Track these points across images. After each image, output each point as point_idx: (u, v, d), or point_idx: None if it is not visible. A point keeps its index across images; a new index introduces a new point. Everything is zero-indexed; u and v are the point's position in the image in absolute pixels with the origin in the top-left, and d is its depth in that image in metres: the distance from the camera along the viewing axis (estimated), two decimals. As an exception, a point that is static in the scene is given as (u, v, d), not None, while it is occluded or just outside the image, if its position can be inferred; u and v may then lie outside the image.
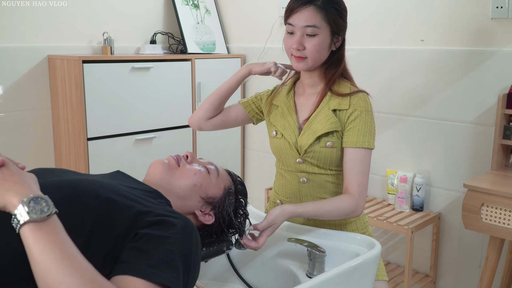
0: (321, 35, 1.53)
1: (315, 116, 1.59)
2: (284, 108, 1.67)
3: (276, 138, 1.66)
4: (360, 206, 1.53)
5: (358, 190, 1.52)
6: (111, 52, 3.06)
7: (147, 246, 0.97)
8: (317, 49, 1.54)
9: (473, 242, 2.58)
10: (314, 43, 1.53)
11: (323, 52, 1.56)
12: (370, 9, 2.84)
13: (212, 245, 1.33)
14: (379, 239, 2.91)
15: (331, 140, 1.56)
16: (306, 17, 1.51)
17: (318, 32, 1.52)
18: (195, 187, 1.28)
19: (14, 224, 0.88)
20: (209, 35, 3.54)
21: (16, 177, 0.95)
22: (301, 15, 1.52)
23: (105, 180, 1.14)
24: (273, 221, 1.41)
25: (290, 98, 1.69)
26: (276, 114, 1.69)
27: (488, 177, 2.23)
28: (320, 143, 1.56)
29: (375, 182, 2.90)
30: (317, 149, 1.57)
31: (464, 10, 2.49)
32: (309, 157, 1.59)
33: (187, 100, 3.22)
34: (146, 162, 2.94)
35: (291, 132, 1.62)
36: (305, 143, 1.57)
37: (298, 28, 1.53)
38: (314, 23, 1.51)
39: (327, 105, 1.59)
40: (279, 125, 1.66)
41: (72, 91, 2.72)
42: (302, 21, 1.52)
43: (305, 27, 1.52)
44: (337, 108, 1.58)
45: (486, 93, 2.45)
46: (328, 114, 1.57)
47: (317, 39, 1.53)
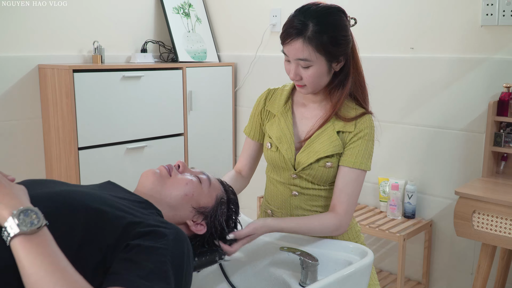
0: (315, 66, 1.45)
1: (318, 135, 1.54)
2: (281, 118, 1.62)
3: (271, 151, 1.61)
4: (344, 226, 1.51)
5: (346, 210, 1.50)
6: (101, 61, 3.05)
7: (138, 257, 0.97)
8: (313, 80, 1.48)
9: (465, 249, 2.58)
10: (309, 74, 1.46)
11: (322, 79, 1.49)
12: (359, 17, 2.84)
13: (204, 255, 1.32)
14: (371, 246, 2.91)
15: (331, 161, 1.53)
16: (296, 51, 1.44)
17: (311, 64, 1.45)
18: (187, 197, 1.27)
19: (5, 237, 0.87)
20: (200, 44, 3.54)
21: (5, 189, 0.94)
22: (291, 48, 1.44)
23: (95, 191, 1.13)
24: (253, 231, 1.40)
25: (288, 107, 1.63)
26: (272, 124, 1.63)
27: (479, 184, 2.24)
28: (319, 163, 1.53)
29: (367, 190, 2.90)
30: (316, 168, 1.54)
31: (454, 18, 2.50)
32: (304, 174, 1.56)
33: (179, 108, 3.21)
34: (137, 171, 2.96)
35: (288, 147, 1.57)
36: (305, 161, 1.54)
37: (291, 59, 1.47)
38: (305, 56, 1.43)
39: (332, 125, 1.54)
40: (274, 137, 1.60)
41: (63, 101, 2.71)
42: (293, 54, 1.45)
43: (297, 60, 1.45)
44: (342, 130, 1.53)
45: (477, 100, 2.46)
46: (332, 136, 1.53)
47: (312, 69, 1.46)
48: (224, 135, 3.56)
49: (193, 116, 3.31)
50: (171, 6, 3.45)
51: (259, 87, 1.98)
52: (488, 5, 2.37)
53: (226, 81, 3.52)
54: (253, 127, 1.72)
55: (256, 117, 1.71)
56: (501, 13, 2.34)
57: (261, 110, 1.69)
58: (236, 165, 1.78)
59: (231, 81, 3.55)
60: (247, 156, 1.74)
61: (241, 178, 1.73)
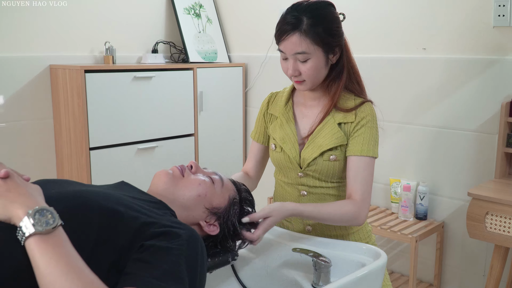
0: (313, 58, 1.48)
1: (320, 130, 1.56)
2: (283, 119, 1.64)
3: (276, 152, 1.63)
4: (363, 214, 1.50)
5: (361, 197, 1.50)
6: (113, 61, 3.06)
7: (153, 258, 0.96)
8: (312, 72, 1.50)
9: (477, 250, 2.56)
10: (308, 67, 1.48)
11: (320, 71, 1.52)
12: (372, 17, 2.85)
13: (217, 255, 1.32)
14: (382, 248, 2.89)
15: (334, 154, 1.54)
16: (293, 45, 1.46)
17: (309, 56, 1.47)
18: (200, 198, 1.27)
19: (20, 236, 0.88)
20: (211, 44, 3.54)
21: (21, 188, 0.94)
22: (288, 43, 1.47)
23: (109, 191, 1.13)
24: (269, 213, 1.38)
25: (289, 108, 1.65)
26: (275, 125, 1.66)
27: (492, 186, 2.22)
28: (323, 157, 1.54)
29: (378, 191, 2.89)
30: (320, 162, 1.55)
31: (466, 19, 2.49)
32: (311, 171, 1.57)
33: (189, 109, 3.22)
34: (148, 171, 2.97)
35: (291, 146, 1.59)
36: (309, 156, 1.55)
37: (289, 55, 1.49)
38: (302, 49, 1.46)
39: (332, 118, 1.56)
40: (278, 138, 1.62)
41: (74, 101, 2.72)
42: (291, 49, 1.47)
43: (295, 54, 1.47)
44: (343, 122, 1.55)
45: (489, 101, 2.45)
46: (333, 128, 1.54)
47: (310, 62, 1.48)
48: (235, 135, 3.56)
49: (204, 116, 3.31)
50: (182, 6, 3.45)
51: (270, 88, 1.97)
52: (500, 6, 2.35)
53: (237, 82, 3.52)
54: (258, 130, 1.74)
55: (260, 121, 1.74)
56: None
57: (264, 114, 1.73)
58: (244, 167, 1.80)
59: (242, 81, 3.54)
60: (253, 159, 1.76)
61: (248, 178, 1.74)
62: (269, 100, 1.73)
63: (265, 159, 1.77)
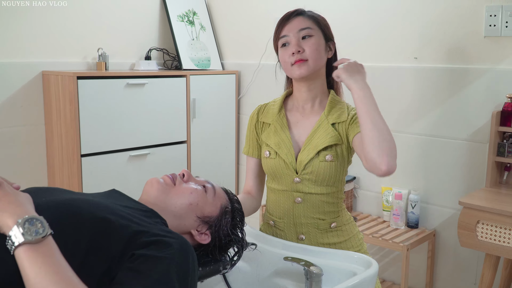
0: (316, 36, 1.57)
1: (315, 132, 1.58)
2: (276, 125, 1.65)
3: (270, 159, 1.63)
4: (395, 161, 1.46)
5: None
6: (105, 68, 3.06)
7: (143, 267, 0.96)
8: (316, 48, 1.56)
9: (468, 259, 2.57)
10: (312, 42, 1.56)
11: (322, 53, 1.59)
12: (364, 26, 2.86)
13: (208, 264, 1.32)
14: (374, 256, 2.90)
15: (330, 153, 1.56)
16: (298, 23, 1.58)
17: (313, 32, 1.57)
18: (191, 206, 1.27)
19: (9, 245, 0.87)
20: (204, 51, 3.54)
21: (10, 197, 0.94)
22: (293, 23, 1.58)
23: (100, 200, 1.13)
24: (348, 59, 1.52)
25: (282, 115, 1.67)
26: (269, 132, 1.66)
27: (483, 194, 2.23)
28: (319, 157, 1.56)
29: (369, 199, 2.90)
30: (316, 163, 1.55)
31: (457, 28, 2.51)
32: (307, 174, 1.57)
33: (182, 116, 3.22)
34: (140, 178, 2.96)
35: (287, 151, 1.60)
36: (305, 157, 1.56)
37: (293, 34, 1.57)
38: (307, 25, 1.57)
39: (326, 119, 1.59)
40: (272, 143, 1.63)
41: (66, 107, 2.71)
42: (295, 27, 1.57)
43: (300, 31, 1.56)
44: (336, 122, 1.58)
45: (480, 110, 2.46)
46: (328, 129, 1.57)
47: (314, 39, 1.57)
48: (227, 143, 3.56)
49: (197, 123, 3.31)
50: (175, 14, 3.46)
51: (263, 95, 1.99)
52: (491, 16, 2.37)
53: (230, 89, 3.52)
54: (251, 144, 1.74)
55: (251, 133, 1.74)
56: (504, 24, 2.34)
57: (255, 124, 1.73)
58: (244, 188, 1.79)
59: (235, 89, 3.55)
60: (252, 175, 1.76)
61: (252, 198, 1.73)
62: (259, 110, 1.74)
63: (264, 173, 1.76)
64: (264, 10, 3.34)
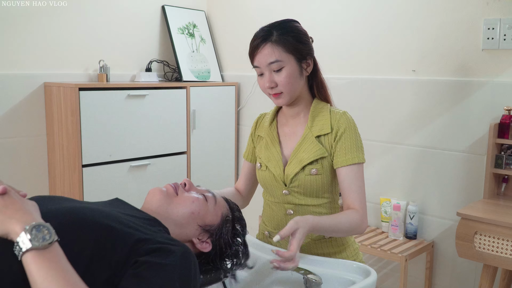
0: (287, 67, 1.53)
1: (300, 145, 1.59)
2: (268, 139, 1.68)
3: (261, 170, 1.67)
4: (365, 221, 1.53)
5: (361, 205, 1.53)
6: (107, 79, 3.09)
7: (147, 274, 0.98)
8: (288, 81, 1.54)
9: (466, 270, 2.59)
10: (284, 76, 1.53)
11: (296, 81, 1.56)
12: (362, 39, 2.90)
13: (208, 272, 1.34)
14: (373, 266, 2.91)
15: (315, 167, 1.56)
16: (266, 56, 1.53)
17: (283, 64, 1.53)
18: (193, 215, 1.29)
19: (17, 251, 0.89)
20: (204, 63, 3.58)
21: (18, 204, 0.96)
22: (261, 55, 1.54)
23: (104, 208, 1.15)
24: (296, 225, 1.34)
25: (273, 128, 1.70)
26: (261, 146, 1.70)
27: (480, 206, 2.25)
28: (304, 172, 1.57)
29: (368, 210, 2.91)
30: (302, 177, 1.57)
31: (455, 41, 2.54)
32: (295, 187, 1.59)
33: (182, 127, 3.24)
34: (140, 188, 2.98)
35: (275, 164, 1.62)
36: (291, 172, 1.58)
37: (263, 67, 1.55)
38: (275, 58, 1.52)
39: (310, 132, 1.60)
40: (263, 157, 1.66)
41: (68, 118, 2.73)
42: (264, 61, 1.54)
43: (269, 65, 1.53)
44: (320, 134, 1.58)
45: (478, 122, 2.49)
46: (312, 142, 1.58)
47: (285, 71, 1.53)
48: (227, 154, 3.58)
49: (196, 134, 3.33)
50: (176, 26, 3.49)
51: (262, 107, 2.01)
52: (489, 29, 2.41)
53: (229, 101, 3.55)
54: (249, 150, 1.81)
55: (250, 141, 1.81)
56: (502, 37, 2.38)
57: (252, 135, 1.79)
58: (236, 184, 1.84)
59: (234, 100, 3.58)
60: (244, 177, 1.82)
61: (239, 195, 1.79)
62: (258, 121, 1.79)
63: (256, 178, 1.80)
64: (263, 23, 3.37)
